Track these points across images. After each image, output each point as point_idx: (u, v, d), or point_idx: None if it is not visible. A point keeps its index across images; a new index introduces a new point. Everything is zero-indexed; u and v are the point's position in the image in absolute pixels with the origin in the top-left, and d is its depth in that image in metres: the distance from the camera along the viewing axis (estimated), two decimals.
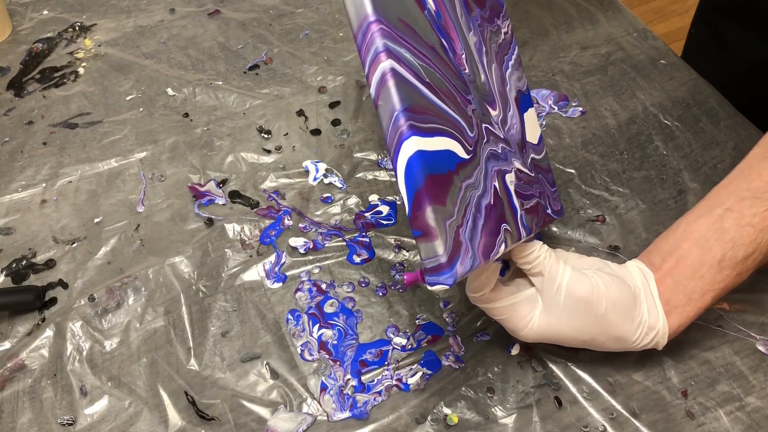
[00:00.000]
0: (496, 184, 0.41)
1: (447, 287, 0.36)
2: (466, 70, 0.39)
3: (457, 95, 0.38)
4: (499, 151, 0.42)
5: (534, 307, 0.44)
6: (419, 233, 0.35)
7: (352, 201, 0.59)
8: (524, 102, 0.46)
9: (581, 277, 0.43)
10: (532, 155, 0.47)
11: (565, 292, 0.43)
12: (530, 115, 0.46)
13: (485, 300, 0.44)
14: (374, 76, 0.34)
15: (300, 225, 0.57)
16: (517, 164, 0.44)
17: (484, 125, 0.40)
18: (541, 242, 0.45)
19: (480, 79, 0.41)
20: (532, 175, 0.46)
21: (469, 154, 0.38)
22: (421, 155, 0.34)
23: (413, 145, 0.34)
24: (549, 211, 0.47)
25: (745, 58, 0.71)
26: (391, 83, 0.33)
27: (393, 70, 0.33)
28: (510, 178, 0.43)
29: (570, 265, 0.44)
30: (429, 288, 0.36)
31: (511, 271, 0.48)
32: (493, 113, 0.42)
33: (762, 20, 0.67)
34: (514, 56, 0.46)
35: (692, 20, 0.79)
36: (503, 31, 0.46)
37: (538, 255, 0.44)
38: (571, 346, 0.46)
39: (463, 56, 0.39)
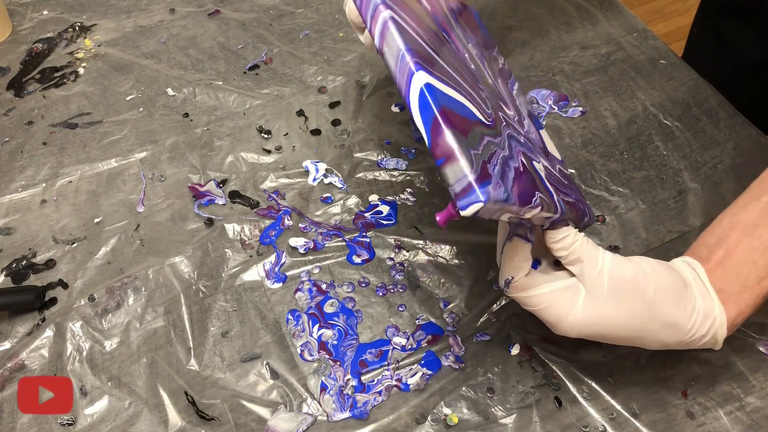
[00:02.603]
0: (524, 161, 0.40)
1: (481, 204, 0.33)
2: (472, 66, 0.40)
3: (467, 75, 0.38)
4: (522, 140, 0.42)
5: (576, 295, 0.41)
6: (442, 160, 0.33)
7: (352, 201, 0.59)
8: (537, 123, 0.47)
9: (623, 260, 0.41)
10: (559, 167, 0.47)
11: (608, 274, 0.40)
12: (545, 135, 0.47)
13: (520, 287, 0.42)
14: (376, 27, 0.34)
15: (300, 225, 0.57)
16: (544, 162, 0.44)
17: (500, 113, 0.40)
18: (576, 230, 0.42)
19: (487, 80, 0.42)
20: (563, 179, 0.45)
21: (489, 121, 0.37)
22: (432, 88, 0.33)
23: (422, 77, 0.33)
24: (586, 216, 0.46)
25: (747, 57, 0.71)
26: (393, 28, 0.33)
27: (393, 18, 0.34)
28: (538, 166, 0.42)
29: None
30: (462, 213, 0.33)
31: (543, 266, 0.45)
32: (509, 112, 0.43)
33: (763, 19, 0.67)
34: (516, 86, 0.48)
35: (693, 19, 0.79)
36: (500, 61, 0.48)
37: (574, 240, 0.41)
38: (620, 343, 0.43)
39: (467, 55, 0.41)
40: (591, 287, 0.41)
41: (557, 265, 0.44)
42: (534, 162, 0.42)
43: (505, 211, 0.36)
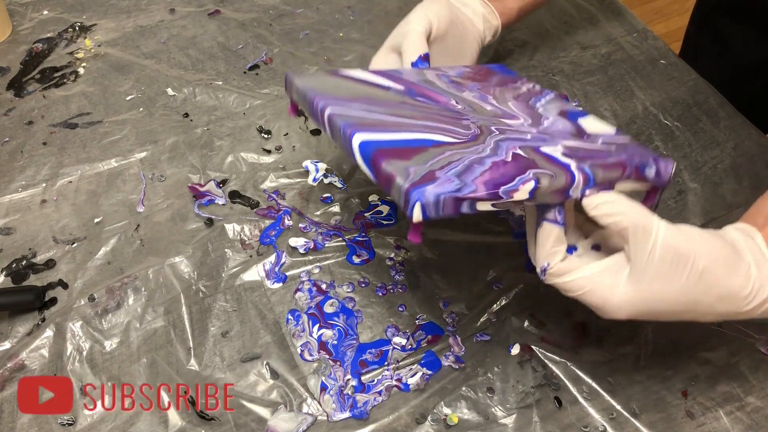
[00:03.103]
0: (518, 152, 0.42)
1: (418, 202, 0.36)
2: (459, 106, 0.48)
3: (440, 116, 0.46)
4: (528, 137, 0.45)
5: (620, 273, 0.39)
6: (387, 187, 0.39)
7: (352, 201, 0.59)
8: (573, 115, 0.50)
9: (676, 229, 0.38)
10: (603, 140, 0.47)
11: (661, 246, 0.37)
12: (589, 120, 0.50)
13: (557, 273, 0.40)
14: (325, 124, 0.44)
15: (300, 225, 0.57)
16: (566, 143, 0.45)
17: (495, 128, 0.45)
18: (622, 194, 0.40)
19: (486, 109, 0.49)
20: (602, 149, 0.45)
21: (463, 138, 0.43)
22: (365, 143, 0.41)
23: (358, 138, 0.41)
24: (650, 171, 0.43)
25: (746, 57, 0.71)
26: (333, 119, 0.43)
27: (330, 113, 0.44)
28: (548, 150, 0.43)
29: None
30: (413, 219, 0.37)
31: (581, 250, 0.43)
32: (515, 122, 0.47)
33: (762, 18, 0.67)
34: (546, 97, 0.53)
35: (690, 19, 0.79)
36: (523, 88, 0.54)
37: (619, 205, 0.39)
38: (671, 319, 0.40)
39: (451, 100, 0.49)
40: (639, 261, 0.38)
41: (597, 250, 0.43)
42: (542, 147, 0.43)
43: (475, 199, 0.38)
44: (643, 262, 0.38)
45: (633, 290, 0.38)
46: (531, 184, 0.39)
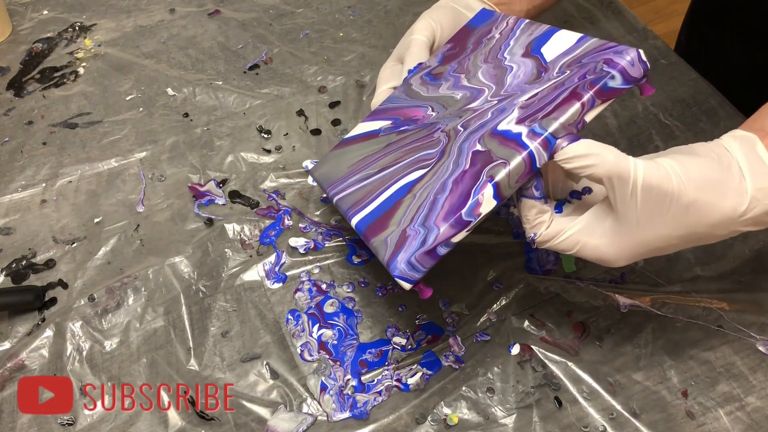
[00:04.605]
0: (479, 147, 0.42)
1: (396, 277, 0.41)
2: (433, 114, 0.49)
3: (415, 142, 0.47)
4: (489, 116, 0.44)
5: (606, 222, 0.38)
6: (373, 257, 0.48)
7: None
8: (538, 44, 0.46)
9: (655, 166, 0.36)
10: (565, 59, 0.43)
11: (642, 189, 0.36)
12: (554, 40, 0.45)
13: (545, 239, 0.40)
14: (341, 211, 0.48)
15: (300, 225, 0.57)
16: (525, 98, 0.43)
17: (459, 125, 0.45)
18: (593, 141, 0.38)
19: (457, 98, 0.48)
20: (554, 81, 0.42)
21: (427, 168, 0.45)
22: (360, 220, 0.45)
23: (355, 220, 0.46)
24: (615, 82, 0.38)
25: (735, 65, 0.71)
26: (339, 204, 0.48)
27: (337, 201, 0.49)
28: (504, 124, 0.42)
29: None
30: (406, 287, 0.41)
31: (571, 209, 0.43)
32: (478, 101, 0.46)
33: (750, 28, 0.67)
34: (516, 33, 0.49)
35: (680, 27, 0.79)
36: (498, 33, 0.51)
37: (590, 158, 0.37)
38: (676, 250, 0.39)
39: (428, 110, 0.49)
40: (622, 208, 0.37)
41: (589, 192, 0.43)
42: (498, 127, 0.42)
43: (454, 235, 0.40)
44: (626, 208, 0.37)
45: (623, 237, 0.37)
46: (489, 189, 0.39)
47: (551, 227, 0.40)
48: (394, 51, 0.57)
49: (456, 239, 0.40)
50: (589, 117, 0.39)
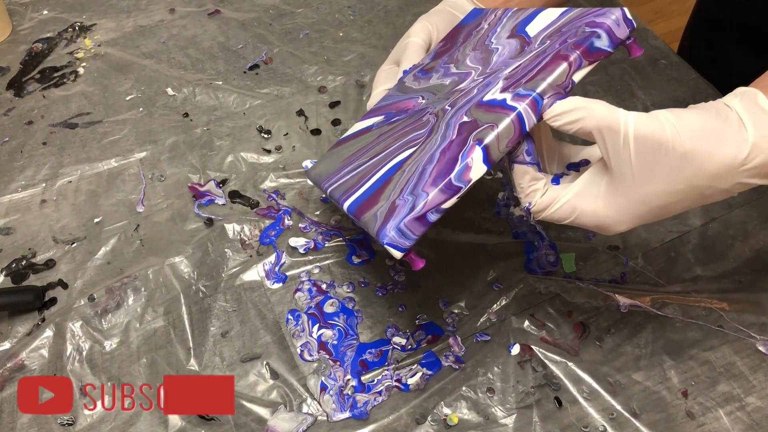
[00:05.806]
0: (465, 119, 0.42)
1: (385, 244, 0.40)
2: (423, 101, 0.49)
3: (405, 127, 0.47)
4: (475, 92, 0.44)
5: (601, 183, 0.36)
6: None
7: None
8: (523, 24, 0.46)
9: (647, 116, 0.35)
10: (547, 31, 0.43)
11: (634, 140, 0.35)
12: (538, 19, 0.45)
13: (540, 208, 0.39)
14: (335, 202, 0.48)
15: (300, 225, 0.57)
16: (510, 69, 0.43)
17: (447, 105, 0.45)
18: (580, 97, 0.38)
19: (446, 84, 0.49)
20: (537, 50, 0.42)
21: (415, 147, 0.44)
22: (352, 203, 0.45)
23: (346, 204, 0.45)
24: (601, 42, 0.38)
25: (741, 71, 0.71)
26: (332, 193, 0.48)
27: (330, 192, 0.48)
28: (489, 95, 0.41)
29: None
30: (396, 257, 0.40)
31: (568, 179, 0.41)
32: (465, 82, 0.46)
33: (753, 35, 0.67)
34: (503, 20, 0.49)
35: (683, 33, 0.79)
36: (486, 23, 0.51)
37: (579, 111, 0.36)
38: (680, 211, 0.37)
39: (419, 99, 0.49)
40: (615, 163, 0.35)
41: (586, 164, 0.42)
42: (484, 99, 0.42)
43: (444, 200, 0.39)
44: (620, 162, 0.35)
45: (620, 197, 0.36)
46: (478, 152, 0.38)
47: (546, 195, 0.39)
48: (390, 53, 0.57)
49: (446, 205, 0.39)
50: (577, 77, 0.38)
